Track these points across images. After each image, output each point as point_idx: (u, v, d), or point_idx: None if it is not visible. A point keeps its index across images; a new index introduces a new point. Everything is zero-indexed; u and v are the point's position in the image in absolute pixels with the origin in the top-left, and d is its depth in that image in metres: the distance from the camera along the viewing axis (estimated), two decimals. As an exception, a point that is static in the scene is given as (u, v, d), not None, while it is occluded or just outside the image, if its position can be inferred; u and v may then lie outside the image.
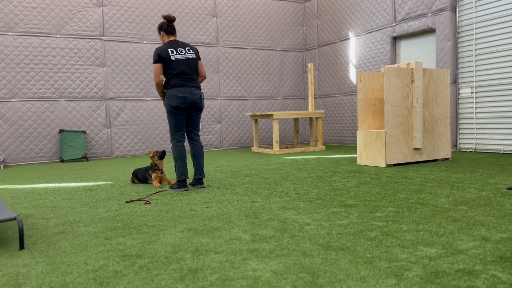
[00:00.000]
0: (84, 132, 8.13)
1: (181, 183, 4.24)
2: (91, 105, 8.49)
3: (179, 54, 4.26)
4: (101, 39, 8.53)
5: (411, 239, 2.28)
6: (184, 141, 4.33)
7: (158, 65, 4.23)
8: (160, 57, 4.20)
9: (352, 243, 2.26)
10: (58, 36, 8.18)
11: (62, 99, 8.25)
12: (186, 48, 4.32)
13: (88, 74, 8.45)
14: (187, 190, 4.20)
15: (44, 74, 8.09)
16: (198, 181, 4.37)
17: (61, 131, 7.99)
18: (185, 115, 4.29)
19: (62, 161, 8.05)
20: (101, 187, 4.68)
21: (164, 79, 4.27)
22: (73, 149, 8.05)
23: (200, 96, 4.33)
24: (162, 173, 4.70)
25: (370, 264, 1.93)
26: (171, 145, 4.23)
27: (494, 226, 2.50)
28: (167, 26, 4.39)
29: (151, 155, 4.71)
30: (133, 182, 4.92)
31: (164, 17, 4.36)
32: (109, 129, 8.65)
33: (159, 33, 4.45)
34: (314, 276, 1.82)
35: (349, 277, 1.80)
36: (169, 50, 4.22)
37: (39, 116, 8.06)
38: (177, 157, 4.24)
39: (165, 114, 9.21)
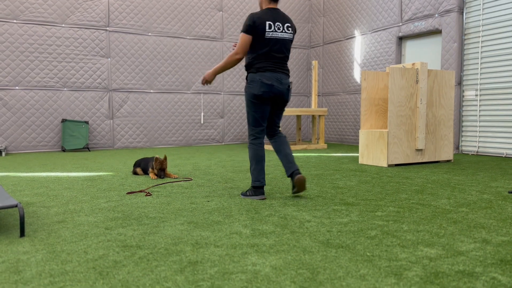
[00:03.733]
0: (86, 122, 8.13)
1: (256, 190, 3.48)
2: (94, 96, 8.49)
3: (276, 31, 3.46)
4: (106, 29, 8.51)
5: (412, 239, 2.28)
6: (263, 138, 3.57)
7: (248, 38, 3.42)
8: (255, 28, 3.39)
9: (352, 241, 2.26)
10: (63, 25, 8.16)
11: (65, 89, 8.25)
12: (285, 26, 3.53)
13: (92, 65, 8.44)
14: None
15: (48, 63, 8.08)
16: (295, 173, 3.47)
17: (63, 120, 7.99)
18: (269, 106, 3.53)
19: (63, 150, 8.05)
20: (102, 177, 4.69)
21: (246, 57, 3.56)
22: (75, 139, 8.05)
23: (289, 86, 3.58)
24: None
25: (370, 263, 1.93)
26: (248, 142, 3.68)
27: (495, 229, 2.49)
28: None
29: (155, 163, 4.56)
30: (134, 173, 4.92)
31: None
32: (111, 120, 8.65)
33: None
34: (314, 272, 1.82)
35: (348, 274, 1.80)
36: (267, 23, 3.42)
37: (42, 105, 8.06)
38: (253, 158, 3.50)
39: (167, 107, 9.19)
